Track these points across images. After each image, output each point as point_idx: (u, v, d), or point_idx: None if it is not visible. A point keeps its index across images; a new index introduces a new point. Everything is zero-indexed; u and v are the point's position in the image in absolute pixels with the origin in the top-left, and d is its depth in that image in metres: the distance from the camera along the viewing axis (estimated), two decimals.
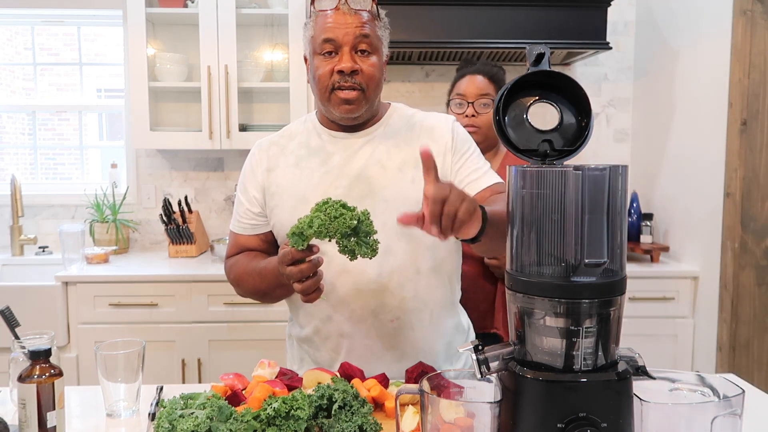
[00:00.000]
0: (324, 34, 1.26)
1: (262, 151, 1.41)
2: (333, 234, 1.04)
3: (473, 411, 0.81)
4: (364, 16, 1.26)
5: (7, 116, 3.25)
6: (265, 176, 1.38)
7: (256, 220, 1.40)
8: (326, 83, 1.28)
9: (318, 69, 1.28)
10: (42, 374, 0.98)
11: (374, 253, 1.06)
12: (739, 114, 2.25)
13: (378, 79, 1.30)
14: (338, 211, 1.04)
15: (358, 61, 1.26)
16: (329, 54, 1.26)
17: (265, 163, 1.39)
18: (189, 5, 2.72)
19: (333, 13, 1.25)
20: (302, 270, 1.10)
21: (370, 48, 1.27)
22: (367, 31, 1.25)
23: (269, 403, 0.99)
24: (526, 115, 0.87)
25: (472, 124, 1.86)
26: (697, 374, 0.85)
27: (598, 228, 0.72)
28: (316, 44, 1.28)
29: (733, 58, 2.25)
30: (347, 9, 1.25)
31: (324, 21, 1.26)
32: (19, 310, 1.36)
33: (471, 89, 1.89)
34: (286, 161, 1.37)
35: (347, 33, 1.24)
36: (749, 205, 2.28)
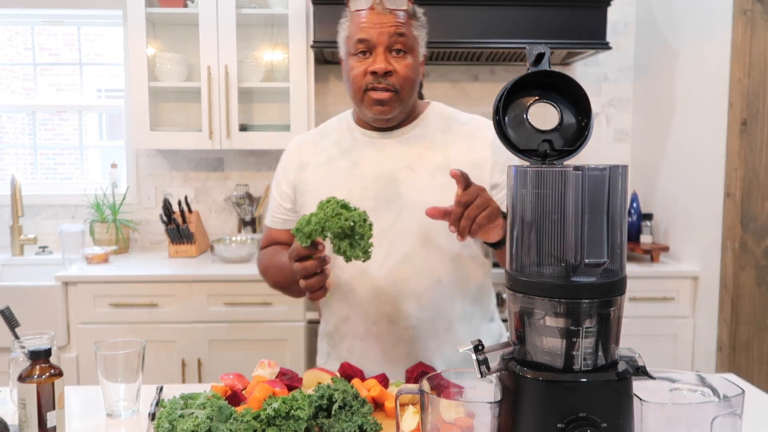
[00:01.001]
0: (358, 34, 1.24)
1: (296, 148, 1.42)
2: (327, 233, 1.04)
3: (473, 411, 0.81)
4: (400, 15, 1.23)
5: (7, 116, 3.25)
6: (297, 173, 1.38)
7: (287, 215, 1.42)
8: (360, 84, 1.25)
9: (352, 70, 1.26)
10: (42, 374, 0.98)
11: (366, 257, 1.06)
12: (739, 114, 2.25)
13: (413, 80, 1.27)
14: (335, 210, 1.04)
15: (393, 61, 1.24)
16: (363, 54, 1.24)
17: (298, 160, 1.39)
18: (189, 5, 2.72)
19: (367, 12, 1.23)
20: (306, 267, 1.11)
21: (405, 48, 1.24)
22: (402, 30, 1.23)
23: (269, 403, 0.99)
24: (526, 115, 0.86)
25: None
26: (697, 374, 0.85)
27: (598, 228, 0.72)
28: (351, 44, 1.26)
29: (733, 58, 2.25)
30: (382, 9, 1.23)
31: (358, 21, 1.24)
32: (19, 310, 1.36)
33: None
34: (317, 159, 1.37)
35: (381, 33, 1.22)
36: (749, 205, 2.28)
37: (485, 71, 3.03)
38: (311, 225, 1.05)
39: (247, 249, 2.70)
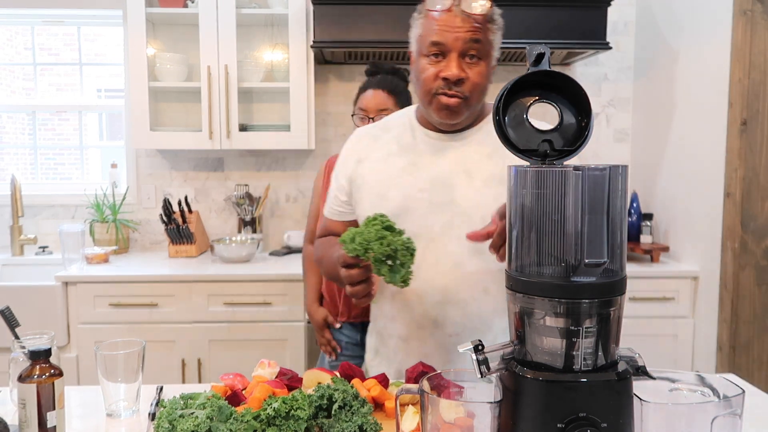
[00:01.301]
0: (432, 36, 1.20)
1: (357, 141, 1.40)
2: (369, 254, 1.04)
3: (473, 411, 0.81)
4: (477, 19, 1.19)
5: (7, 116, 3.25)
6: (354, 167, 1.37)
7: (343, 208, 1.41)
8: (429, 87, 1.22)
9: (423, 71, 1.23)
10: (42, 374, 0.98)
11: (404, 285, 1.06)
12: (739, 114, 2.25)
13: (484, 87, 1.25)
14: (379, 233, 1.04)
15: (466, 67, 1.20)
16: (436, 57, 1.21)
17: (357, 154, 1.37)
18: (189, 5, 2.72)
19: (444, 14, 1.18)
20: (352, 275, 1.11)
21: (479, 54, 1.20)
22: (478, 36, 1.18)
23: (269, 403, 0.99)
24: (526, 115, 0.86)
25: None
26: (697, 374, 0.85)
27: (598, 228, 0.72)
28: (423, 45, 1.22)
29: (733, 58, 2.25)
30: (459, 12, 1.17)
31: (434, 22, 1.20)
32: (19, 310, 1.36)
33: (372, 104, 1.93)
34: (376, 154, 1.35)
35: (457, 38, 1.18)
36: (749, 205, 2.28)
37: None
38: (354, 244, 1.05)
39: (247, 249, 2.70)
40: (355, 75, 3.01)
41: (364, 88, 1.98)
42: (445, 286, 1.25)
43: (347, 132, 3.01)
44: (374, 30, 2.54)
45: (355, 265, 1.10)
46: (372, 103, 1.94)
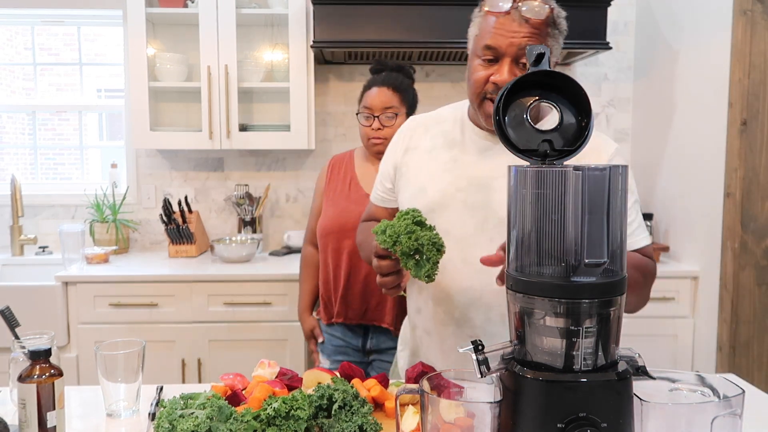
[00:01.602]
0: (487, 39, 1.17)
1: (408, 130, 1.39)
2: (397, 248, 1.05)
3: (473, 411, 0.81)
4: (536, 24, 1.14)
5: (7, 116, 3.25)
6: (401, 155, 1.37)
7: (387, 195, 1.42)
8: (479, 90, 1.20)
9: (475, 72, 1.20)
10: (42, 374, 0.98)
11: (429, 280, 1.06)
12: (739, 114, 2.25)
13: None
14: (409, 227, 1.05)
15: (518, 73, 1.15)
16: (489, 60, 1.18)
17: (406, 143, 1.37)
18: (189, 5, 2.72)
19: (502, 17, 1.15)
20: (382, 266, 1.12)
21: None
22: (534, 42, 1.14)
23: (269, 403, 0.99)
24: (526, 115, 0.86)
25: (378, 136, 1.94)
26: (697, 374, 0.85)
27: (598, 228, 0.72)
28: (478, 46, 1.20)
29: (733, 58, 2.25)
30: (518, 16, 1.13)
31: (490, 24, 1.16)
32: (19, 310, 1.36)
33: (377, 102, 1.92)
34: (423, 145, 1.34)
35: (512, 44, 1.14)
36: (749, 205, 2.28)
37: None
38: (385, 235, 1.06)
39: (247, 249, 2.70)
40: (355, 75, 3.01)
41: (368, 86, 1.98)
42: (470, 287, 1.25)
43: (347, 132, 3.04)
44: (374, 30, 2.54)
45: (387, 256, 1.11)
46: (377, 101, 1.93)
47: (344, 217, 1.94)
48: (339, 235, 1.96)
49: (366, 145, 2.00)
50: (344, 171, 2.06)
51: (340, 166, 2.08)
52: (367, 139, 1.97)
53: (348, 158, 2.09)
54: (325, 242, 2.00)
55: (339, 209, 1.97)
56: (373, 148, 1.97)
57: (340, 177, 2.05)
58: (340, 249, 1.96)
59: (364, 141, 2.00)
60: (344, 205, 1.97)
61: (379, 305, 1.96)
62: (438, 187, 1.27)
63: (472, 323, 1.27)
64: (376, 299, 1.95)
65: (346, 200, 1.98)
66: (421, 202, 1.26)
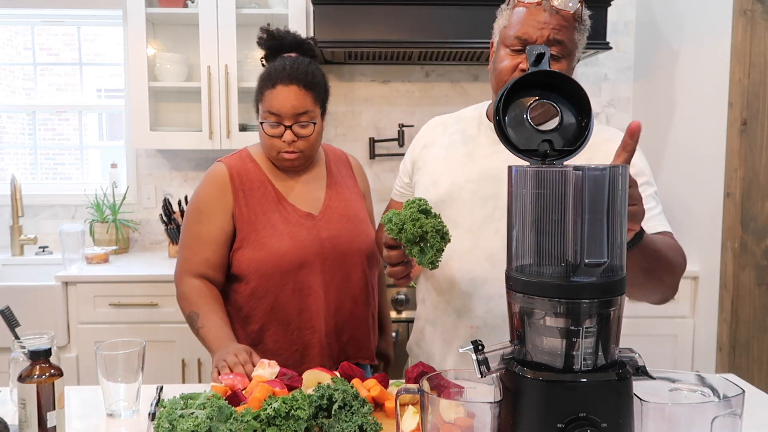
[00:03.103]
0: (516, 29, 1.18)
1: (428, 128, 1.45)
2: (402, 235, 1.07)
3: (473, 411, 0.81)
4: (566, 16, 1.17)
5: (7, 116, 3.25)
6: (420, 151, 1.41)
7: (405, 189, 1.47)
8: (505, 79, 1.20)
9: (501, 62, 1.21)
10: (42, 374, 0.98)
11: (432, 267, 1.07)
12: (739, 114, 2.25)
13: None
14: (414, 214, 1.07)
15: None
16: (517, 51, 1.19)
17: (425, 139, 1.42)
18: (189, 5, 2.72)
19: (533, 8, 1.17)
20: (391, 256, 1.14)
21: (562, 53, 1.18)
22: (562, 36, 1.17)
23: (269, 403, 0.99)
24: (526, 115, 0.87)
25: (292, 150, 1.50)
26: (697, 374, 0.85)
27: (598, 228, 0.72)
28: (506, 36, 1.21)
29: (733, 58, 2.25)
30: (548, 7, 1.16)
31: (521, 15, 1.19)
32: (19, 310, 1.36)
33: (286, 107, 1.46)
34: (441, 142, 1.38)
35: (541, 35, 1.16)
36: (749, 205, 2.28)
37: (485, 71, 3.03)
38: (391, 224, 1.08)
39: None
40: (355, 75, 3.01)
41: (270, 82, 1.48)
42: (474, 278, 1.27)
43: (347, 132, 3.04)
44: (374, 30, 2.54)
45: (396, 246, 1.12)
46: (287, 105, 1.46)
47: (303, 251, 1.49)
48: (301, 271, 1.49)
49: (274, 158, 1.54)
50: (260, 188, 1.54)
51: (249, 180, 1.55)
52: (276, 153, 1.51)
53: (254, 170, 1.56)
54: (279, 281, 1.49)
55: (295, 241, 1.49)
56: (284, 163, 1.53)
57: (258, 196, 1.53)
58: (308, 286, 1.50)
59: (271, 153, 1.53)
60: (302, 235, 1.50)
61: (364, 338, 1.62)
62: (449, 180, 1.30)
63: (472, 314, 1.28)
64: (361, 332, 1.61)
65: (298, 228, 1.51)
66: (433, 193, 1.30)
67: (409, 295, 2.42)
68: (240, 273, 1.52)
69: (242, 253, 1.51)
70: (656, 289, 1.15)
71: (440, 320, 1.34)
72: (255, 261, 1.49)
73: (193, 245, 1.53)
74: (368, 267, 1.58)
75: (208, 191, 1.54)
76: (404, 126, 2.98)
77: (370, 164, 3.04)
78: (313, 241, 1.51)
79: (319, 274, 1.50)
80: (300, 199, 1.56)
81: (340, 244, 1.53)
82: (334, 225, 1.55)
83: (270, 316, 1.51)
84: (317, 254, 1.50)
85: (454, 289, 1.29)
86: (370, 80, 3.02)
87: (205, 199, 1.54)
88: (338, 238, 1.53)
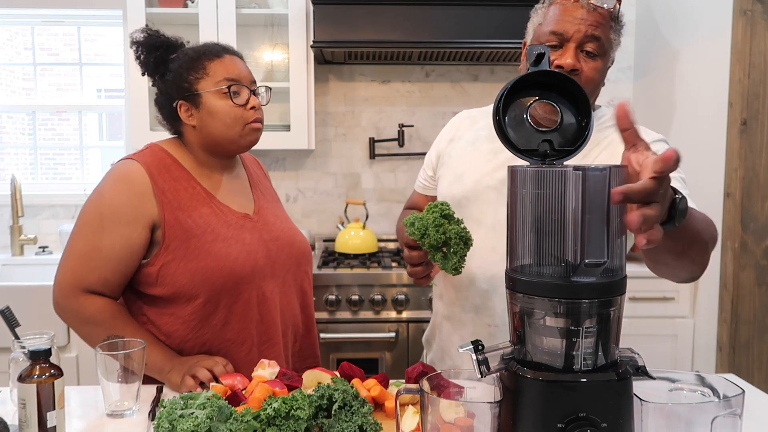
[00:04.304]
0: (553, 25, 1.18)
1: (457, 121, 1.44)
2: (425, 240, 1.06)
3: (473, 411, 0.81)
4: (603, 14, 1.17)
5: (7, 116, 3.25)
6: (446, 144, 1.41)
7: (428, 182, 1.47)
8: None
9: None
10: (42, 374, 0.98)
11: (455, 273, 1.07)
12: (739, 114, 2.25)
13: (597, 84, 1.23)
14: (437, 220, 1.06)
15: (582, 60, 1.18)
16: (552, 47, 1.19)
17: (452, 133, 1.42)
18: (189, 5, 2.72)
19: (570, 5, 1.18)
20: (412, 257, 1.14)
21: (598, 51, 1.18)
22: (599, 33, 1.17)
23: (269, 403, 0.99)
24: (526, 115, 0.87)
25: (259, 117, 1.39)
26: (697, 374, 0.85)
27: (598, 228, 0.72)
28: (541, 33, 1.21)
29: (733, 58, 2.25)
30: (586, 3, 1.17)
31: (558, 11, 1.19)
32: (19, 310, 1.36)
33: (244, 72, 1.39)
34: (468, 136, 1.37)
35: (578, 30, 1.16)
36: (749, 205, 2.28)
37: (485, 71, 3.03)
38: (413, 228, 1.07)
39: None
40: (355, 75, 3.02)
41: (212, 54, 1.37)
42: (494, 275, 1.27)
43: (347, 132, 3.04)
44: (374, 30, 2.54)
45: (417, 247, 1.12)
46: (244, 69, 1.39)
47: (253, 255, 1.33)
48: (255, 278, 1.33)
49: (234, 137, 1.35)
50: (187, 187, 1.33)
51: (172, 179, 1.33)
52: (242, 126, 1.34)
53: (175, 167, 1.34)
54: (233, 291, 1.30)
55: (243, 245, 1.33)
56: (249, 137, 1.37)
57: (187, 197, 1.32)
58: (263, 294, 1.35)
59: (235, 129, 1.34)
60: (247, 238, 1.34)
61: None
62: (473, 177, 1.30)
63: (491, 311, 1.28)
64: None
65: (240, 230, 1.35)
66: (457, 190, 1.30)
67: (409, 295, 2.42)
68: (174, 292, 1.28)
69: (177, 265, 1.27)
70: (686, 268, 1.11)
71: (458, 317, 1.34)
72: (201, 271, 1.27)
73: (89, 258, 1.27)
74: (308, 268, 1.48)
75: (118, 195, 1.27)
76: (404, 126, 2.98)
77: (370, 164, 3.04)
78: (259, 245, 1.35)
79: (271, 278, 1.35)
80: (230, 198, 1.39)
81: (284, 246, 1.40)
82: (271, 226, 1.41)
83: (219, 337, 1.31)
84: (266, 257, 1.35)
85: (474, 287, 1.29)
86: (370, 80, 3.02)
87: (113, 204, 1.27)
88: (279, 240, 1.40)
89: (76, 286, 1.29)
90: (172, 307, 1.30)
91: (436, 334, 1.43)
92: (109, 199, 1.28)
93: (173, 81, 1.37)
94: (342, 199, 3.02)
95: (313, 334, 1.50)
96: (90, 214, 1.29)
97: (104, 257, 1.26)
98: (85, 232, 1.28)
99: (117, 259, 1.27)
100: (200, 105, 1.34)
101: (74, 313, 1.31)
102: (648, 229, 0.71)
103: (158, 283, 1.28)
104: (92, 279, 1.28)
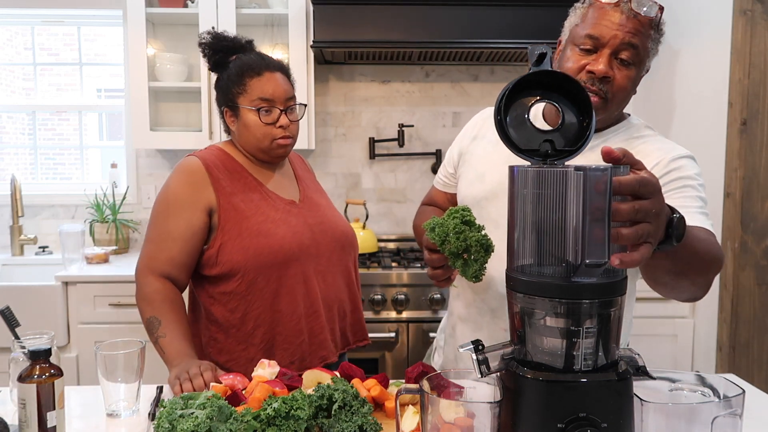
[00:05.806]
0: (590, 28, 1.15)
1: (481, 119, 1.42)
2: (445, 247, 1.05)
3: (473, 411, 0.81)
4: (643, 21, 1.13)
5: (7, 116, 3.25)
6: (469, 142, 1.39)
7: (448, 179, 1.46)
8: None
9: (567, 61, 1.18)
10: (42, 374, 0.98)
11: (476, 280, 1.06)
12: (739, 114, 2.25)
13: (628, 93, 1.21)
14: (457, 227, 1.05)
15: (615, 68, 1.15)
16: (587, 51, 1.16)
17: (475, 131, 1.39)
18: (189, 5, 2.72)
19: (610, 9, 1.14)
20: (433, 260, 1.13)
21: (633, 59, 1.15)
22: (636, 41, 1.13)
23: (269, 403, 0.99)
24: (527, 115, 0.87)
25: (287, 135, 1.52)
26: (697, 374, 0.85)
27: (598, 228, 0.72)
28: (577, 35, 1.18)
29: (733, 58, 2.25)
30: (627, 9, 1.13)
31: (596, 14, 1.15)
32: (19, 310, 1.36)
33: (279, 92, 1.49)
34: (491, 135, 1.34)
35: (615, 36, 1.13)
36: (749, 205, 2.28)
37: (485, 71, 3.03)
38: (434, 233, 1.06)
39: None
40: (355, 75, 3.01)
41: (254, 71, 1.50)
42: None
43: (347, 132, 3.04)
44: (374, 30, 2.54)
45: (437, 250, 1.11)
46: (279, 90, 1.49)
47: (299, 236, 1.49)
48: (301, 257, 1.48)
49: (266, 149, 1.51)
50: (240, 177, 1.52)
51: (227, 170, 1.51)
52: (270, 141, 1.50)
53: (229, 161, 1.54)
54: (281, 268, 1.46)
55: (289, 227, 1.48)
56: (277, 151, 1.52)
57: (240, 185, 1.51)
58: (307, 272, 1.50)
59: (264, 143, 1.50)
60: (293, 221, 1.51)
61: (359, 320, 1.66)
62: (495, 177, 1.27)
63: (505, 316, 1.27)
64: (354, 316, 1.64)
65: (287, 214, 1.51)
66: (478, 189, 1.29)
67: (409, 295, 2.42)
68: (231, 269, 1.44)
69: (233, 244, 1.44)
70: (685, 289, 1.10)
71: (474, 318, 1.32)
72: (253, 248, 1.43)
73: (159, 241, 1.47)
74: (351, 251, 1.62)
75: (180, 185, 1.48)
76: (404, 126, 2.98)
77: (370, 164, 3.04)
78: (304, 227, 1.51)
79: (316, 258, 1.51)
80: (278, 187, 1.56)
81: (327, 230, 1.55)
82: (316, 212, 1.57)
83: (271, 308, 1.46)
84: (311, 239, 1.51)
85: (491, 289, 1.27)
86: (370, 80, 3.02)
87: (176, 192, 1.48)
88: (323, 225, 1.55)
89: (147, 266, 1.50)
90: (231, 282, 1.46)
91: (450, 335, 1.42)
92: (173, 189, 1.49)
93: (221, 89, 1.56)
94: (342, 199, 3.02)
95: (359, 311, 1.64)
96: (160, 205, 1.50)
97: (171, 238, 1.45)
98: (156, 221, 1.49)
99: (183, 239, 1.45)
100: (239, 116, 1.52)
101: (138, 288, 1.52)
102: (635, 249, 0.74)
103: (218, 262, 1.45)
104: (162, 258, 1.47)
